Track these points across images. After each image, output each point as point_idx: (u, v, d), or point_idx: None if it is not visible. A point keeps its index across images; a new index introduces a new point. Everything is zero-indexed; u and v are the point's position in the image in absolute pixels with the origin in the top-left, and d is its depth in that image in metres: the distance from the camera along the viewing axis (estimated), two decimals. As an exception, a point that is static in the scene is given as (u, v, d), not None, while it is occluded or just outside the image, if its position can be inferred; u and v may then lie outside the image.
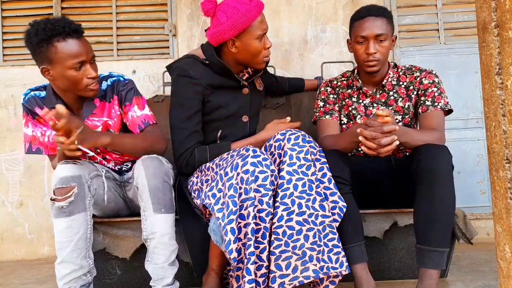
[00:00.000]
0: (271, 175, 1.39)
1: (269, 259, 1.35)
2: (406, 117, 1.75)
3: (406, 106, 1.75)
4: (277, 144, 1.48)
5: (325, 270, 1.36)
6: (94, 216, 1.77)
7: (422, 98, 1.70)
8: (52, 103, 1.59)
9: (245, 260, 1.32)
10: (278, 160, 1.46)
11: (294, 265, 1.33)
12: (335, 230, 1.43)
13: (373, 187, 1.75)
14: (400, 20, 2.91)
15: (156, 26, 2.96)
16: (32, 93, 1.65)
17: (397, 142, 1.41)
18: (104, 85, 1.66)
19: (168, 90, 2.67)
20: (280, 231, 1.35)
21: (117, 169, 1.77)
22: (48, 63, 1.49)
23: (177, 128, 1.65)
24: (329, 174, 1.47)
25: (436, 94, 1.68)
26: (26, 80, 2.92)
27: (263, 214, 1.36)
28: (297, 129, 1.52)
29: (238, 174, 1.38)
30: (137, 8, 2.96)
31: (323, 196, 1.44)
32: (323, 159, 1.49)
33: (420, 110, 1.70)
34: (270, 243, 1.37)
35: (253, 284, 1.31)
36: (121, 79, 1.67)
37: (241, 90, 1.74)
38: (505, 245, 0.99)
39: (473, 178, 2.80)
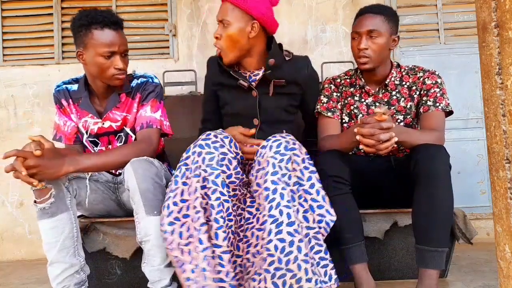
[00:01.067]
0: (218, 156, 1.42)
1: (263, 276, 1.31)
2: (408, 117, 1.75)
3: (408, 106, 1.75)
4: (260, 151, 1.46)
5: (319, 285, 1.35)
6: (92, 216, 1.78)
7: (424, 98, 1.70)
8: (80, 93, 1.70)
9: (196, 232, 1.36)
10: (257, 167, 1.44)
11: (289, 283, 1.30)
12: (321, 242, 1.40)
13: (373, 187, 1.75)
14: (400, 20, 2.88)
15: (156, 26, 2.96)
16: (63, 86, 1.74)
17: (396, 139, 1.40)
18: (134, 83, 1.72)
19: (168, 90, 2.67)
20: (271, 246, 1.30)
21: (118, 173, 1.77)
22: (83, 48, 1.58)
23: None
24: (318, 185, 1.43)
25: (438, 94, 1.68)
26: (26, 80, 2.92)
27: (209, 191, 1.38)
28: (286, 134, 1.48)
29: (188, 157, 1.45)
30: (137, 8, 2.96)
31: (306, 207, 1.40)
32: (312, 168, 1.44)
33: (421, 110, 1.70)
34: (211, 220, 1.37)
35: (209, 251, 1.33)
36: (150, 80, 1.72)
37: (251, 92, 1.72)
38: (505, 245, 0.99)
39: (473, 178, 2.80)
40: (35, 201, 1.46)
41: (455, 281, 1.77)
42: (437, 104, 1.66)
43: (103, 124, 1.70)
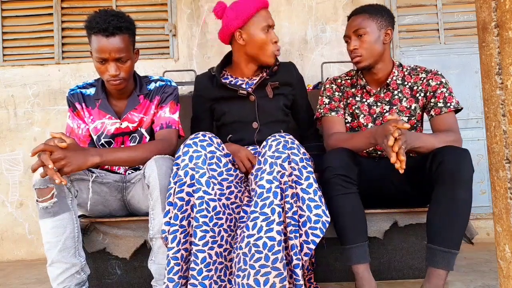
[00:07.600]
0: (205, 155, 1.45)
1: (248, 272, 1.33)
2: (412, 118, 1.74)
3: (413, 108, 1.73)
4: (260, 150, 1.48)
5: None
6: (92, 216, 1.78)
7: (433, 100, 1.68)
8: (98, 95, 1.73)
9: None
10: (257, 166, 1.45)
11: (272, 281, 1.30)
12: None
13: (376, 187, 1.74)
14: (400, 20, 2.91)
15: (156, 26, 2.96)
16: (78, 90, 1.77)
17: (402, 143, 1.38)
18: (152, 86, 1.77)
19: (168, 90, 2.67)
20: (260, 243, 1.32)
21: (127, 174, 1.78)
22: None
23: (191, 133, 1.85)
24: (315, 185, 1.42)
25: (446, 94, 1.67)
26: (26, 80, 2.93)
27: (190, 189, 1.40)
28: (285, 134, 1.50)
29: (179, 156, 1.46)
30: (137, 8, 2.97)
31: (298, 210, 1.40)
32: (310, 168, 1.44)
33: (433, 113, 1.68)
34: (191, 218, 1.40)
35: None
36: (169, 83, 1.78)
37: (248, 98, 1.77)
38: (505, 245, 0.99)
39: (473, 178, 2.80)
40: (37, 200, 1.47)
41: (455, 281, 1.77)
42: (449, 104, 1.65)
43: (120, 124, 1.74)
